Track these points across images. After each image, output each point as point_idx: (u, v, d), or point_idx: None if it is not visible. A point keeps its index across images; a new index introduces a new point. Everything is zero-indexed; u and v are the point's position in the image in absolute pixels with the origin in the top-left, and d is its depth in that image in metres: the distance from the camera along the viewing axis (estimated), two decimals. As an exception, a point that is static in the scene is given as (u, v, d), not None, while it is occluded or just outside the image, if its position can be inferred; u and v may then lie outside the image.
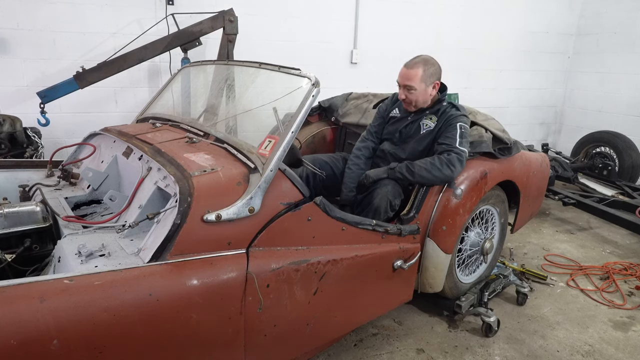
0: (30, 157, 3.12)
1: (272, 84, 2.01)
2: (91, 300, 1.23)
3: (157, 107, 2.60)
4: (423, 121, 2.44)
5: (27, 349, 1.13)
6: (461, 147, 2.27)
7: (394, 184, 2.30)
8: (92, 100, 3.80)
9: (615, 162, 4.89)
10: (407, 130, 2.50)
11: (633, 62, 5.36)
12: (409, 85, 2.35)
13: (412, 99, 2.39)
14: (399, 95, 2.45)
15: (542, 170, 3.10)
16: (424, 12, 4.99)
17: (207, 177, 1.59)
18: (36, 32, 3.55)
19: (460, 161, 2.24)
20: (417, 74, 2.32)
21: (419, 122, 2.46)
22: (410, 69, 2.35)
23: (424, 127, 2.44)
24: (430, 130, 2.42)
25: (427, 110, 2.45)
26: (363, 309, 2.06)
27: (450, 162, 2.22)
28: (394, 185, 2.28)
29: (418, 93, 2.36)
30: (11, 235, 1.65)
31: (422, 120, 2.45)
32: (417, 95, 2.37)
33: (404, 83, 2.37)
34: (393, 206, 2.23)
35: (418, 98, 2.38)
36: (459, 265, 2.52)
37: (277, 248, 1.65)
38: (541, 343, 2.41)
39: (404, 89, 2.38)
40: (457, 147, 2.26)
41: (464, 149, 2.28)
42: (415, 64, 2.34)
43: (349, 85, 3.98)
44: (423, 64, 2.34)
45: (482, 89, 5.61)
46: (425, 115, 2.45)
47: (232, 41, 3.53)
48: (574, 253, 3.53)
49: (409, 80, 2.34)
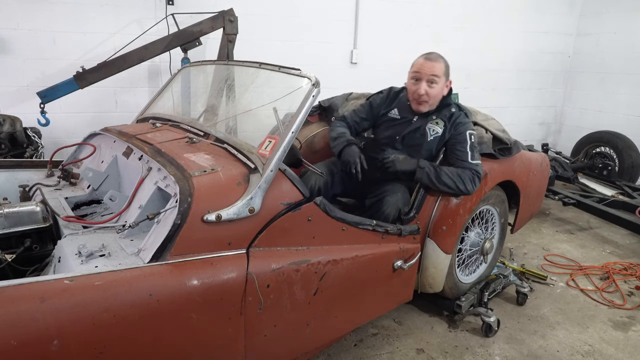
0: (30, 157, 3.12)
1: (272, 84, 2.01)
2: (91, 300, 1.22)
3: (157, 107, 2.60)
4: (429, 126, 2.31)
5: (27, 349, 1.13)
6: (475, 161, 2.23)
7: (404, 190, 2.23)
8: (92, 100, 3.80)
9: (615, 162, 4.90)
10: (411, 136, 2.34)
11: (633, 62, 5.36)
12: (435, 76, 2.17)
13: (432, 95, 2.22)
14: (416, 91, 2.23)
15: (542, 170, 3.10)
16: (424, 12, 5.00)
17: (207, 177, 1.59)
18: (36, 32, 3.55)
19: (479, 178, 2.22)
20: (441, 66, 2.20)
21: (424, 128, 2.31)
22: (434, 62, 2.20)
23: (432, 133, 2.30)
24: (438, 137, 2.30)
25: (434, 114, 2.32)
26: (363, 309, 2.06)
27: (473, 180, 2.20)
28: (404, 192, 2.23)
29: (438, 88, 2.21)
30: (11, 235, 1.64)
31: (427, 124, 2.31)
32: (437, 90, 2.21)
33: (429, 73, 2.18)
34: (402, 213, 2.19)
35: (437, 94, 2.23)
36: (459, 265, 2.52)
37: (277, 248, 1.65)
38: (541, 343, 2.41)
39: (427, 83, 2.20)
40: (471, 162, 2.22)
41: (478, 162, 2.25)
42: (438, 57, 2.22)
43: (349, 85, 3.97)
44: (443, 58, 2.23)
45: (482, 89, 5.61)
46: (431, 119, 2.31)
47: (232, 41, 3.53)
48: (574, 253, 3.53)
49: (434, 71, 2.17)
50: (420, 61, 2.26)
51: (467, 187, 2.20)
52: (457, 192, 2.23)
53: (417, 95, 2.26)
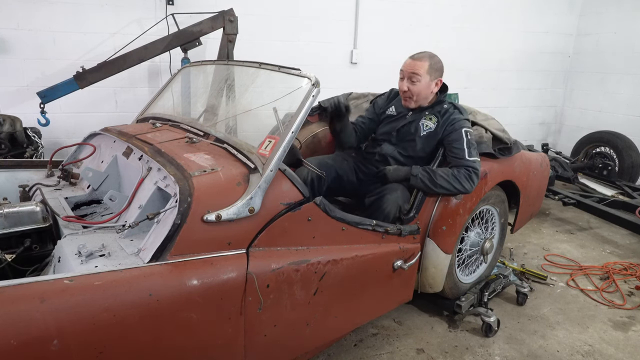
0: (30, 157, 3.12)
1: (272, 84, 2.01)
2: (91, 300, 1.23)
3: (157, 107, 2.60)
4: (422, 121, 2.40)
5: (27, 349, 1.13)
6: (472, 158, 2.24)
7: (403, 188, 2.25)
8: (92, 100, 3.80)
9: (615, 162, 4.90)
10: (405, 130, 2.44)
11: (633, 62, 5.36)
12: (415, 73, 2.29)
13: (414, 91, 2.33)
14: (401, 88, 2.38)
15: (542, 170, 3.10)
16: (424, 11, 4.99)
17: (207, 177, 1.59)
18: (36, 32, 3.55)
19: (477, 175, 2.23)
20: (423, 64, 2.29)
21: (418, 122, 2.41)
22: (416, 60, 2.31)
23: (424, 128, 2.39)
24: (431, 132, 2.37)
25: (427, 110, 2.41)
26: (363, 309, 2.06)
27: (469, 177, 2.20)
28: (403, 190, 2.25)
29: (421, 86, 2.31)
30: (11, 235, 1.64)
31: (421, 120, 2.40)
32: (420, 88, 2.32)
33: (409, 71, 2.31)
34: (402, 211, 2.20)
35: (420, 91, 2.33)
36: (459, 265, 2.52)
37: (277, 248, 1.65)
38: (541, 343, 2.41)
39: (408, 80, 2.32)
40: (468, 159, 2.23)
41: (476, 159, 2.25)
42: (422, 56, 2.32)
43: (349, 85, 3.97)
44: (429, 57, 2.32)
45: (482, 89, 5.61)
46: (424, 115, 2.41)
47: (232, 41, 3.53)
48: (574, 253, 3.53)
49: (414, 69, 2.29)
50: (406, 60, 2.37)
51: (464, 186, 2.20)
52: (455, 192, 2.23)
53: (401, 92, 2.41)
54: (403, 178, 2.27)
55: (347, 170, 2.50)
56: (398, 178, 2.28)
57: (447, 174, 2.21)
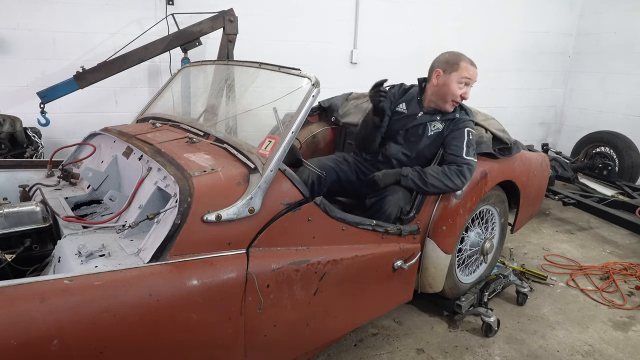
0: (30, 157, 3.12)
1: (272, 84, 2.01)
2: (91, 300, 1.23)
3: (157, 107, 2.60)
4: (431, 122, 2.39)
5: (27, 349, 1.13)
6: (469, 157, 2.24)
7: (404, 189, 2.25)
8: (92, 100, 3.80)
9: (615, 162, 4.89)
10: (413, 131, 2.43)
11: (633, 62, 5.36)
12: (474, 80, 2.34)
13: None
14: (464, 95, 2.33)
15: (542, 170, 3.10)
16: (424, 11, 4.99)
17: (207, 177, 1.59)
18: (36, 32, 3.55)
19: (470, 172, 2.23)
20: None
21: (426, 124, 2.40)
22: (475, 67, 2.34)
23: (432, 129, 2.38)
24: (438, 133, 2.37)
25: (438, 114, 2.39)
26: (363, 309, 2.06)
27: (461, 173, 2.20)
28: (404, 191, 2.24)
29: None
30: (11, 235, 1.64)
31: (430, 121, 2.39)
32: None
33: (475, 80, 2.34)
34: (404, 212, 2.20)
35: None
36: (459, 265, 2.52)
37: (277, 248, 1.65)
38: (541, 343, 2.41)
39: (468, 87, 2.34)
40: (465, 158, 2.23)
41: (473, 159, 2.25)
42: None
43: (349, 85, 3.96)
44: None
45: (482, 89, 5.58)
46: (436, 119, 2.39)
47: (232, 41, 3.53)
48: (574, 253, 3.53)
49: (476, 77, 2.34)
50: (468, 66, 2.32)
51: (455, 182, 2.19)
52: (447, 190, 2.23)
53: (460, 99, 2.34)
54: (394, 181, 2.26)
55: (348, 172, 2.50)
56: (389, 182, 2.26)
57: (437, 172, 2.21)
